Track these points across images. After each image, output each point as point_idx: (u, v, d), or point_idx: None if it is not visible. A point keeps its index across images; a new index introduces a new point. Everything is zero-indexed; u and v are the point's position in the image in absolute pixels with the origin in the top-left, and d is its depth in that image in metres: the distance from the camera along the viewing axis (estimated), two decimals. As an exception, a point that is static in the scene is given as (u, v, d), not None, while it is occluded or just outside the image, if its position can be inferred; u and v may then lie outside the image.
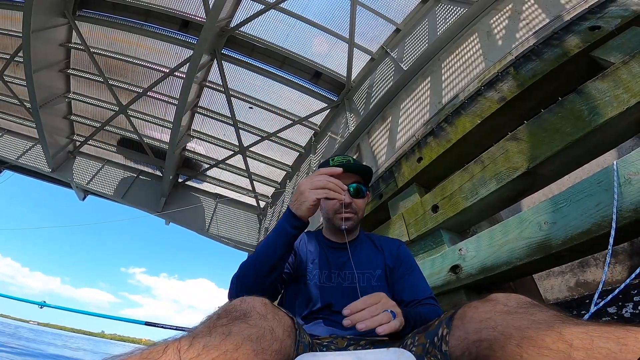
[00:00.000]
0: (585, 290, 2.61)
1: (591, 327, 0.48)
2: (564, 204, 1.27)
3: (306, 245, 1.23)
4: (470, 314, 0.67)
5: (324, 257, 1.20)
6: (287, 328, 0.69)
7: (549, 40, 1.92)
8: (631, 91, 1.36)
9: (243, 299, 0.71)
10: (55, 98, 6.67)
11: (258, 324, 0.62)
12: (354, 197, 1.17)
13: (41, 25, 5.29)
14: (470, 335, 0.63)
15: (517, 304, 0.63)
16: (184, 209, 8.26)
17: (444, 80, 4.07)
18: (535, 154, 1.50)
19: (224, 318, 0.62)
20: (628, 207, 1.09)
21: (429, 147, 2.24)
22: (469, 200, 1.75)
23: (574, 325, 0.50)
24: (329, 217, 1.22)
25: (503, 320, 0.59)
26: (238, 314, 0.64)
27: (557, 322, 0.52)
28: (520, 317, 0.58)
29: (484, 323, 0.62)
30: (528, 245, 1.36)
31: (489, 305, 0.66)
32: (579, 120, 1.43)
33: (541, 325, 0.53)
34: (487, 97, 1.97)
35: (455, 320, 0.69)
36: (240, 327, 0.60)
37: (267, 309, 0.69)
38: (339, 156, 1.22)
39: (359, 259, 1.19)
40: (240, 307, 0.67)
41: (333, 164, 1.18)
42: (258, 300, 0.71)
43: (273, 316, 0.68)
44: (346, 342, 0.93)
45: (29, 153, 8.01)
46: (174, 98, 6.67)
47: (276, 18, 5.71)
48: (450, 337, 0.68)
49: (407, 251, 1.27)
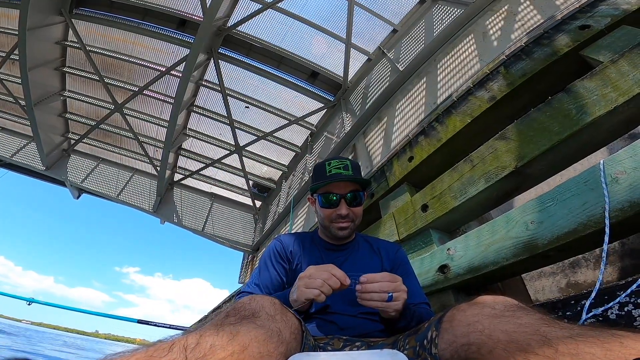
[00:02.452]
0: (576, 291, 2.60)
1: (576, 331, 0.49)
2: (550, 204, 1.25)
3: (302, 248, 1.22)
4: (458, 317, 0.67)
5: (320, 259, 1.19)
6: (294, 330, 0.69)
7: (539, 40, 1.91)
8: (619, 90, 1.35)
9: (253, 298, 0.71)
10: (51, 96, 6.65)
11: (266, 325, 0.62)
12: (351, 205, 1.16)
13: (38, 23, 5.27)
14: (458, 339, 0.64)
15: (504, 307, 0.64)
16: (179, 208, 8.24)
17: (440, 80, 4.07)
18: (523, 153, 1.48)
19: (233, 317, 0.63)
20: (615, 207, 1.07)
21: (420, 146, 2.22)
22: (458, 199, 1.73)
23: (560, 330, 0.51)
24: (325, 225, 1.20)
25: (490, 323, 0.60)
26: (247, 312, 0.65)
27: (543, 325, 0.53)
28: (507, 321, 0.59)
29: (471, 327, 0.63)
30: (515, 245, 1.34)
31: (476, 308, 0.66)
32: (566, 119, 1.41)
33: (527, 329, 0.54)
34: (478, 96, 1.96)
35: (444, 324, 0.70)
36: (248, 327, 0.59)
37: (276, 309, 0.69)
38: (335, 160, 1.19)
39: (355, 261, 1.19)
40: (249, 306, 0.67)
41: (329, 169, 1.16)
42: (267, 300, 0.71)
43: (281, 317, 0.68)
44: (342, 342, 0.94)
45: (23, 151, 7.98)
46: (170, 97, 6.66)
47: (274, 18, 5.71)
48: (439, 340, 0.68)
49: (405, 256, 1.27)
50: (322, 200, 1.17)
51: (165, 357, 0.46)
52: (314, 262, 1.16)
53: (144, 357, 0.46)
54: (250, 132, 7.11)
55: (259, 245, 8.26)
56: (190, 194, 8.70)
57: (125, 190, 8.17)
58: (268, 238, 7.80)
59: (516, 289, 1.70)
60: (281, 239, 1.24)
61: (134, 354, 0.47)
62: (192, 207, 8.51)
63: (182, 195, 8.59)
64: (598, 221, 1.09)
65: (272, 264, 1.18)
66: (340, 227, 1.16)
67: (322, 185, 1.16)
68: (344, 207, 1.14)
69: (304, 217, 6.11)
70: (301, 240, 1.25)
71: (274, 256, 1.19)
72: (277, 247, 1.21)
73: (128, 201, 8.11)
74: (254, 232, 8.71)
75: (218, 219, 8.62)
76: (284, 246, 1.21)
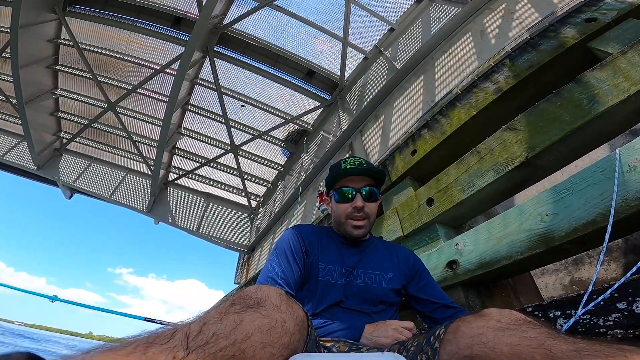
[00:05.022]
0: (580, 288, 2.59)
1: (581, 344, 0.50)
2: (566, 194, 1.22)
3: (319, 242, 1.19)
4: (463, 328, 0.68)
5: (338, 255, 1.18)
6: (298, 322, 0.68)
7: (545, 32, 1.90)
8: (631, 80, 1.34)
9: (259, 287, 0.70)
10: (42, 94, 6.53)
11: (270, 315, 0.62)
12: (367, 200, 1.16)
13: (30, 21, 5.17)
14: (461, 350, 0.65)
15: (509, 320, 0.64)
16: (174, 208, 8.13)
17: (437, 79, 4.06)
18: (533, 144, 1.45)
19: (238, 305, 0.62)
20: (634, 196, 1.04)
21: (423, 139, 2.19)
22: (465, 192, 1.70)
23: (565, 343, 0.51)
24: (341, 222, 1.19)
25: (495, 336, 0.61)
26: (252, 302, 0.64)
27: (548, 339, 0.54)
28: (512, 334, 0.59)
29: (476, 338, 0.63)
30: (529, 238, 1.31)
31: (482, 320, 0.67)
32: (578, 109, 1.39)
33: (532, 342, 0.55)
34: (483, 88, 1.93)
35: (447, 335, 0.70)
36: (253, 316, 0.59)
37: (281, 299, 0.68)
38: (350, 158, 1.21)
39: (371, 260, 1.19)
40: (255, 295, 0.67)
41: (345, 165, 1.17)
42: (273, 290, 0.70)
43: (287, 308, 0.67)
44: (348, 346, 0.94)
45: (14, 150, 7.81)
46: (164, 95, 6.56)
47: (270, 16, 5.66)
48: (441, 350, 0.69)
49: (421, 261, 1.29)
50: (337, 195, 1.17)
51: (167, 344, 0.45)
52: (331, 259, 1.15)
53: (145, 344, 0.44)
54: (246, 131, 7.04)
55: (255, 246, 8.18)
56: (185, 194, 8.60)
57: (119, 190, 8.04)
58: (264, 238, 7.72)
59: (527, 285, 1.67)
60: (300, 229, 1.20)
61: (135, 340, 0.46)
62: (187, 207, 8.41)
63: (177, 195, 8.48)
64: (617, 211, 1.05)
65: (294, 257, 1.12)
66: (356, 226, 1.15)
67: (338, 179, 1.17)
68: (359, 199, 1.14)
69: (300, 216, 6.05)
70: (318, 234, 1.22)
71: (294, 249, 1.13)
72: (298, 238, 1.16)
73: (121, 201, 7.99)
74: (250, 232, 8.63)
75: (213, 219, 8.53)
76: (303, 237, 1.17)
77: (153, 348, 0.44)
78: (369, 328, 1.02)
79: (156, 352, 0.43)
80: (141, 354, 0.42)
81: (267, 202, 8.23)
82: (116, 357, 0.41)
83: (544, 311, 1.06)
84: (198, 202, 8.64)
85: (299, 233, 1.17)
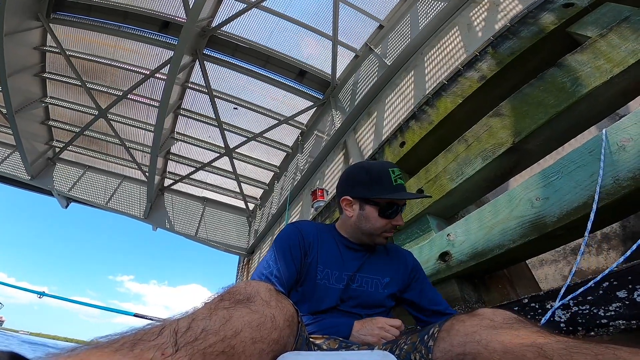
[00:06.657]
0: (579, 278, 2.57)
1: (572, 343, 0.51)
2: (555, 177, 1.20)
3: (319, 241, 1.15)
4: (457, 327, 0.69)
5: (339, 258, 1.14)
6: (288, 317, 0.67)
7: (525, 19, 1.89)
8: (613, 61, 1.33)
9: (248, 283, 0.70)
10: (32, 103, 6.46)
11: (260, 310, 0.61)
12: None
13: (14, 28, 5.11)
14: (454, 348, 0.66)
15: (503, 319, 0.66)
16: (171, 213, 8.08)
17: (427, 73, 4.06)
18: (519, 129, 1.44)
19: (227, 300, 0.61)
20: (626, 176, 1.02)
21: (411, 130, 2.17)
22: (454, 181, 1.68)
23: (556, 342, 0.52)
24: (372, 233, 1.12)
25: (488, 334, 0.62)
26: (241, 297, 0.64)
27: (539, 338, 0.55)
28: (505, 332, 0.61)
29: (469, 337, 0.64)
30: (520, 225, 1.29)
31: (476, 319, 0.68)
32: (562, 92, 1.38)
33: (524, 340, 0.56)
34: (467, 76, 1.92)
35: (441, 332, 0.71)
36: (242, 312, 0.58)
37: (271, 295, 0.68)
38: (395, 168, 1.12)
39: (373, 265, 1.17)
40: (244, 290, 0.66)
41: (395, 178, 1.09)
42: (263, 285, 0.70)
43: (276, 303, 0.67)
44: (338, 343, 0.93)
45: (8, 161, 7.72)
46: (155, 100, 6.51)
47: (259, 17, 5.63)
48: (435, 348, 0.70)
49: (418, 262, 1.28)
50: (381, 210, 1.09)
51: (154, 341, 0.44)
52: (330, 262, 1.11)
53: (132, 340, 0.43)
54: (240, 133, 7.01)
55: (254, 248, 8.15)
56: (182, 199, 8.54)
57: (115, 198, 7.98)
58: (262, 240, 7.69)
59: (523, 276, 1.65)
60: (301, 227, 1.15)
61: (122, 336, 0.44)
62: (184, 212, 8.35)
63: (174, 201, 8.42)
64: (610, 192, 1.04)
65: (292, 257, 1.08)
66: (387, 237, 1.14)
67: (387, 193, 1.08)
68: (400, 218, 1.12)
69: (297, 217, 6.03)
70: (320, 232, 1.17)
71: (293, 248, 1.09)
72: (299, 237, 1.12)
73: (118, 208, 7.92)
74: (248, 235, 8.59)
75: (211, 223, 8.47)
76: (304, 237, 1.12)
77: (141, 345, 0.43)
78: (356, 325, 1.00)
79: (144, 349, 0.42)
80: (128, 350, 0.41)
81: (265, 204, 8.19)
82: (103, 355, 0.39)
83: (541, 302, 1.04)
84: (195, 206, 8.59)
85: (300, 231, 1.13)
